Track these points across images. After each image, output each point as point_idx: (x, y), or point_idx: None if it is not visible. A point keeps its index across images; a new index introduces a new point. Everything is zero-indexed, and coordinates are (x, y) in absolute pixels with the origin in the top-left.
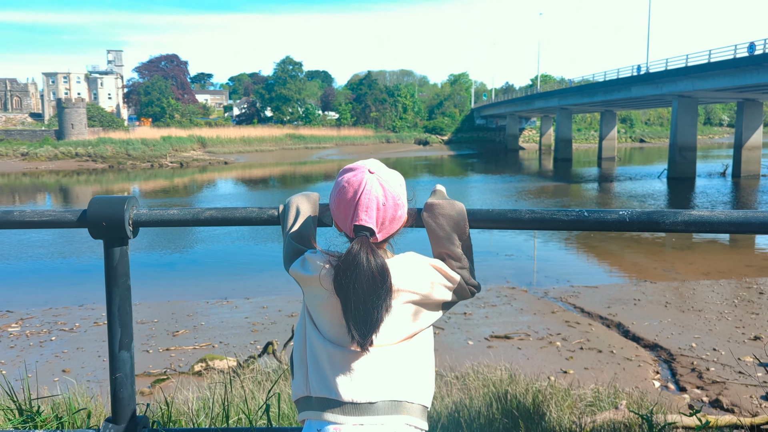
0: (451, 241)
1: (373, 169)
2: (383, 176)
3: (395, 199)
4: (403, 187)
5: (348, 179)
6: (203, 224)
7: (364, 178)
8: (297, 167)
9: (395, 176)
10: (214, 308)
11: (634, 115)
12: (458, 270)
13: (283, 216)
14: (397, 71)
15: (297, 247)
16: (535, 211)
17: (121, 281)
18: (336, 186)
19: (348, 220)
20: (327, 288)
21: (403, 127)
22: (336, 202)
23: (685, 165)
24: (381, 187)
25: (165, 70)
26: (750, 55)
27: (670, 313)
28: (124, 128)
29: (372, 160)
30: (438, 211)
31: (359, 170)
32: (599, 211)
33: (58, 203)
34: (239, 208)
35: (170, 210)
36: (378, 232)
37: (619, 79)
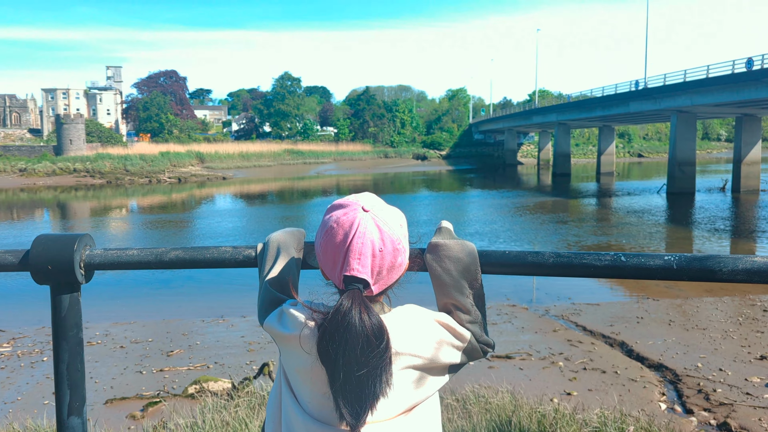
0: (460, 290)
1: (367, 206)
2: (380, 215)
3: (394, 244)
4: (404, 228)
5: (337, 218)
6: (167, 266)
7: (356, 217)
8: (295, 182)
9: (394, 214)
10: (209, 327)
11: (633, 130)
12: (468, 325)
13: (261, 257)
14: (395, 87)
15: (275, 295)
16: (561, 255)
17: (71, 334)
18: (323, 226)
19: (337, 269)
20: (309, 352)
21: (401, 142)
22: (323, 246)
23: (685, 180)
24: (377, 229)
25: (164, 86)
26: (748, 70)
27: (674, 332)
28: (123, 144)
29: (367, 195)
30: (444, 253)
31: (351, 207)
32: (640, 255)
33: (55, 219)
34: (210, 247)
35: (129, 251)
36: (373, 284)
37: (617, 95)
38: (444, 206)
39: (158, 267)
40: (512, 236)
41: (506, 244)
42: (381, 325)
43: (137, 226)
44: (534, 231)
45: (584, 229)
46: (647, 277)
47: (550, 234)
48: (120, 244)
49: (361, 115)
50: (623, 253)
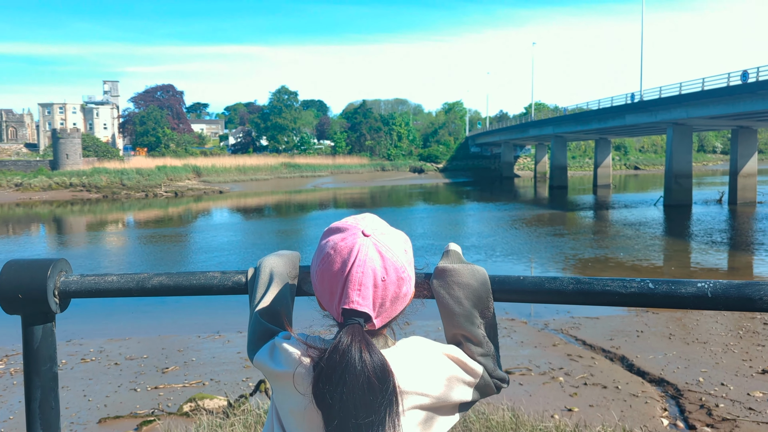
0: (471, 320)
1: (368, 230)
2: (382, 240)
3: (398, 272)
4: (409, 254)
5: (335, 244)
6: (150, 294)
7: (356, 243)
8: (292, 196)
9: (398, 239)
10: (205, 343)
11: (629, 143)
12: (480, 359)
13: (252, 283)
14: (392, 100)
15: (266, 327)
16: (582, 281)
17: (44, 369)
18: (319, 252)
19: (335, 301)
20: (303, 393)
21: (398, 155)
22: (319, 275)
23: (681, 192)
24: (379, 256)
25: (161, 100)
26: (743, 83)
27: (675, 346)
28: (119, 158)
29: (368, 217)
30: (453, 279)
31: (349, 231)
32: (670, 282)
33: (51, 233)
34: (196, 273)
35: (108, 277)
36: (375, 317)
37: (613, 107)
38: (441, 220)
39: (140, 294)
40: (509, 250)
41: (503, 257)
42: (384, 364)
43: (132, 240)
44: (531, 244)
45: (581, 242)
46: (678, 306)
47: (547, 247)
48: (114, 260)
49: (357, 128)
50: (651, 280)
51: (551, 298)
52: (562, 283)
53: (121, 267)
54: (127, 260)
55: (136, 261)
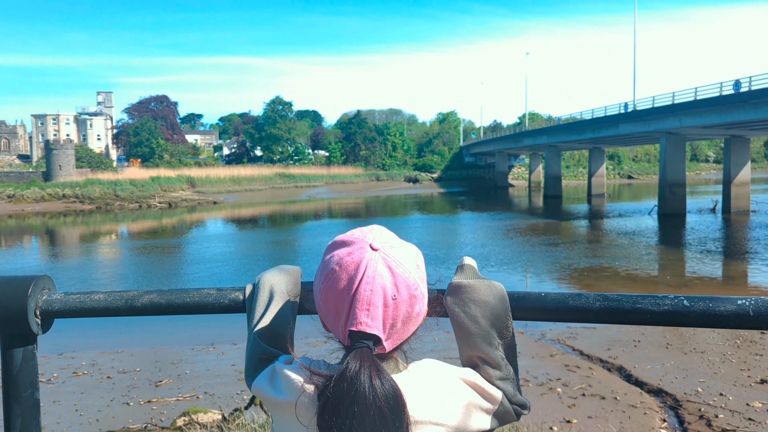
0: (488, 340)
1: (376, 244)
2: (392, 254)
3: (411, 289)
4: (421, 269)
5: (340, 259)
6: (140, 313)
7: (363, 257)
8: (287, 206)
9: (409, 253)
10: (199, 355)
11: (622, 152)
12: (499, 383)
13: (250, 301)
14: (386, 110)
15: (266, 349)
16: (609, 298)
17: (25, 395)
18: (323, 268)
19: (340, 322)
20: (307, 424)
21: (393, 165)
22: (323, 293)
23: (675, 201)
24: (389, 272)
25: (155, 111)
26: (736, 92)
27: (673, 355)
28: (113, 169)
29: (376, 229)
30: (468, 296)
31: (356, 245)
32: (707, 299)
33: (43, 245)
34: (190, 290)
35: (95, 295)
36: (385, 340)
37: (607, 117)
38: (436, 229)
39: (129, 314)
40: (503, 259)
41: (497, 267)
42: (396, 392)
43: (125, 252)
44: (526, 254)
45: (576, 251)
46: (717, 325)
47: (542, 256)
48: (106, 272)
49: (352, 138)
50: (686, 297)
51: (575, 317)
52: (588, 301)
53: (112, 279)
54: (119, 272)
55: (129, 273)
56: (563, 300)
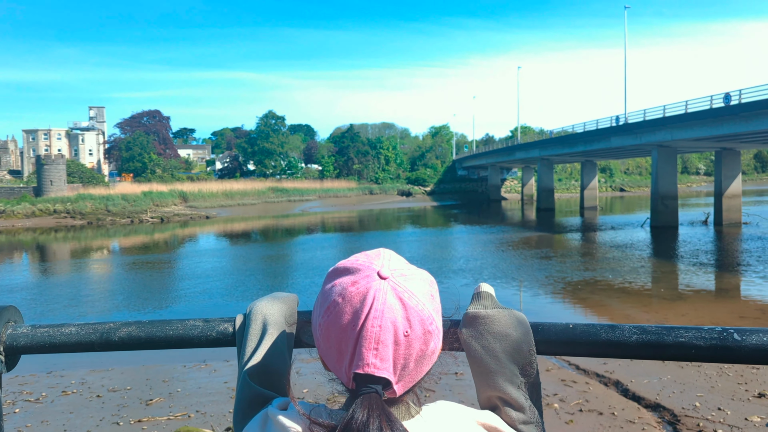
0: (509, 378)
1: (385, 271)
2: (403, 283)
3: (425, 324)
4: (436, 299)
5: (343, 290)
6: (117, 347)
7: (370, 287)
8: (280, 220)
9: (422, 281)
10: (191, 372)
11: (614, 165)
12: (522, 427)
13: (241, 334)
14: (379, 124)
15: (257, 391)
16: (648, 330)
17: None
18: (323, 299)
19: (344, 363)
20: None
21: (386, 178)
22: (323, 329)
23: (668, 214)
24: (401, 304)
25: (147, 126)
26: (726, 105)
27: (669, 370)
28: (105, 184)
29: (383, 253)
30: (486, 328)
31: (362, 273)
32: (760, 332)
33: (34, 261)
34: (173, 321)
35: (66, 327)
36: (396, 383)
37: (598, 130)
38: (429, 243)
39: (104, 349)
40: (496, 273)
41: (491, 280)
42: None
43: (115, 267)
44: (519, 267)
45: (569, 264)
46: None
47: (535, 270)
48: (95, 288)
49: (345, 152)
50: (736, 329)
51: (609, 351)
52: (623, 333)
53: (102, 295)
54: (108, 288)
55: (118, 289)
56: (594, 332)
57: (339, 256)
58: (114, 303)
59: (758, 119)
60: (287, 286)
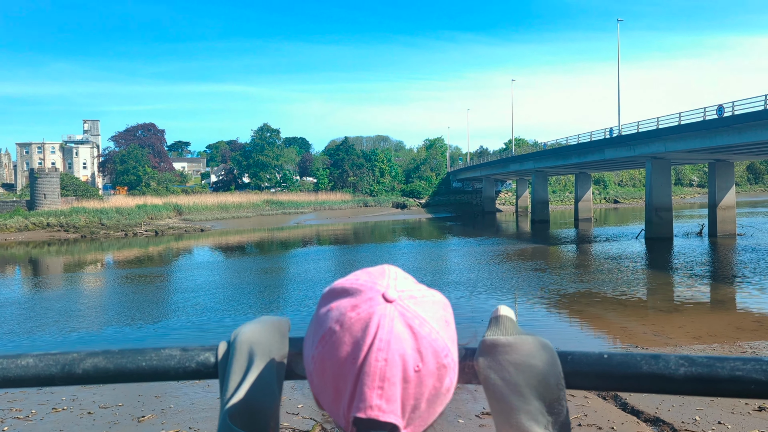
0: (534, 416)
1: (392, 293)
2: (413, 308)
3: (439, 356)
4: (451, 325)
5: (341, 315)
6: (80, 381)
7: (374, 313)
8: (275, 233)
9: (436, 304)
10: (184, 388)
11: (608, 177)
12: None
13: (224, 366)
14: (374, 137)
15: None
16: (697, 362)
17: None
18: (317, 326)
19: (342, 403)
20: None
21: (381, 191)
22: (318, 362)
23: (662, 225)
24: (411, 333)
25: (142, 139)
26: (719, 117)
27: None
28: (99, 197)
29: (388, 271)
30: (506, 358)
31: (365, 295)
32: None
33: (26, 275)
34: (147, 350)
35: (22, 359)
36: (405, 427)
37: (592, 142)
38: (424, 255)
39: (66, 383)
40: (491, 285)
41: (485, 293)
42: None
43: (107, 281)
44: (513, 279)
45: (563, 276)
46: None
47: (530, 282)
48: (85, 303)
49: (340, 164)
50: None
51: (653, 386)
52: (668, 365)
53: (92, 310)
54: (100, 303)
55: (110, 304)
56: (635, 363)
57: (334, 268)
58: (105, 318)
59: (751, 131)
60: (281, 300)
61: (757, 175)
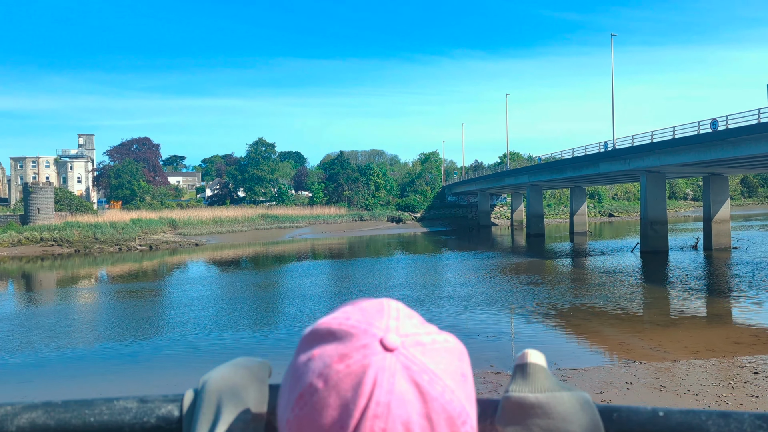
0: None
1: (392, 338)
2: (420, 358)
3: (455, 422)
4: (468, 379)
5: (326, 368)
6: None
7: (370, 365)
8: (269, 247)
9: (448, 351)
10: None
11: (602, 191)
12: None
13: (190, 421)
14: (369, 151)
15: None
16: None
17: None
18: (294, 379)
19: None
20: None
21: (376, 205)
22: (294, 429)
23: (657, 239)
24: (417, 393)
25: (137, 153)
26: (713, 131)
27: (667, 398)
28: (93, 212)
29: (387, 306)
30: (538, 423)
31: (357, 340)
32: None
33: (18, 290)
34: (97, 402)
35: None
36: None
37: (587, 156)
38: (419, 269)
39: None
40: (487, 299)
41: (481, 307)
42: None
43: (100, 296)
44: (509, 293)
45: (559, 290)
46: None
47: (525, 296)
48: (76, 319)
49: (335, 179)
50: None
51: None
52: (741, 426)
53: (83, 326)
54: (90, 319)
55: (100, 320)
56: (698, 424)
57: (328, 284)
58: (95, 334)
59: (745, 144)
60: (274, 315)
61: (750, 189)
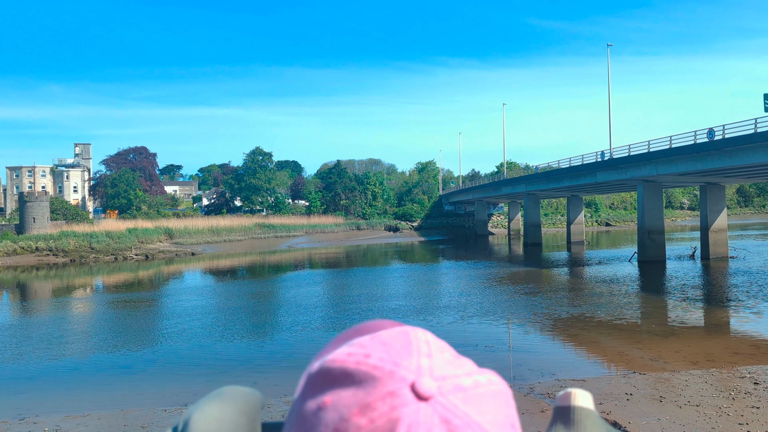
0: None
1: (427, 385)
2: (462, 409)
3: None
4: (517, 429)
5: (343, 423)
6: None
7: (400, 421)
8: (266, 256)
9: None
10: (171, 417)
11: (599, 200)
12: None
13: None
14: (366, 160)
15: None
16: None
17: None
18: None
19: None
20: None
21: (373, 214)
22: None
23: (655, 248)
24: None
25: (133, 162)
26: (710, 140)
27: (667, 409)
28: (89, 221)
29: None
30: None
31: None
32: None
33: (13, 299)
34: None
35: None
36: None
37: (584, 165)
38: (416, 278)
39: None
40: (484, 309)
41: (478, 317)
42: None
43: (95, 306)
44: (506, 303)
45: (557, 300)
46: None
47: (522, 306)
48: (69, 329)
49: (332, 188)
50: None
51: None
52: None
53: (76, 336)
54: (84, 329)
55: (94, 330)
56: None
57: (324, 293)
58: (89, 344)
59: (742, 154)
60: (270, 325)
61: (747, 198)
